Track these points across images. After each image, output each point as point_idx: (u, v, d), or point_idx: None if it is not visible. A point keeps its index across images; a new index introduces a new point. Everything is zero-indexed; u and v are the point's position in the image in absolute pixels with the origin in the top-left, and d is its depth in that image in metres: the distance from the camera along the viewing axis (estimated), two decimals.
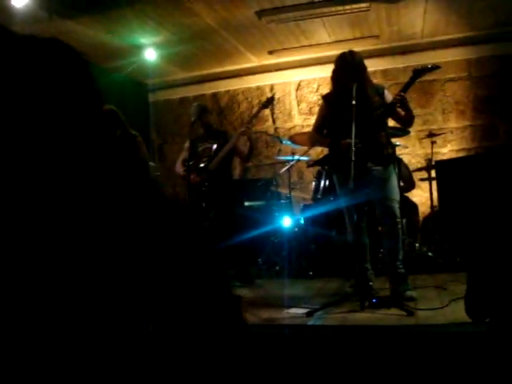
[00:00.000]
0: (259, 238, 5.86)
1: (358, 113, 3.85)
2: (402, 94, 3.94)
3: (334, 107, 4.27)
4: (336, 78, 4.23)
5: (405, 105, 4.01)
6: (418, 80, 3.98)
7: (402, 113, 4.08)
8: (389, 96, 4.28)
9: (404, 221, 5.13)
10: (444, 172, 5.95)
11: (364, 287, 3.91)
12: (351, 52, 4.18)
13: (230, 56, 7.52)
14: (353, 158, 3.70)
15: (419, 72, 3.91)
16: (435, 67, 3.95)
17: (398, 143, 5.49)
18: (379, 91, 4.26)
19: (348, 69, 4.07)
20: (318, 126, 4.47)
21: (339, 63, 4.16)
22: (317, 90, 7.84)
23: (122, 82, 7.59)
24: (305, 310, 3.80)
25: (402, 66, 7.45)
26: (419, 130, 7.14)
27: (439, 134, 6.44)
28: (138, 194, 0.95)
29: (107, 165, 0.95)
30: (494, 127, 7.20)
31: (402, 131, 5.28)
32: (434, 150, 6.49)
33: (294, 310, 3.95)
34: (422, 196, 7.01)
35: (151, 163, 5.80)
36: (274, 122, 7.71)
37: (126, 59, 7.06)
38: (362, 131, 3.88)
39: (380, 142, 4.13)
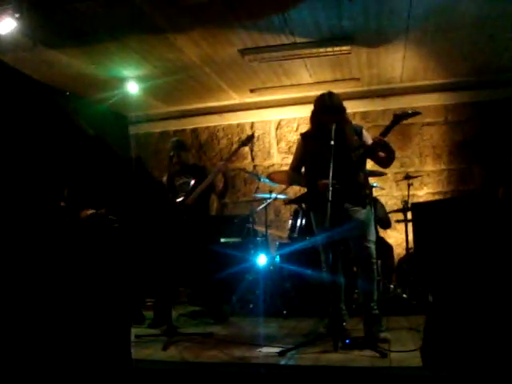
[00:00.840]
0: (234, 275, 5.81)
1: (336, 153, 3.88)
2: (382, 137, 3.98)
3: (312, 146, 4.31)
4: (315, 118, 4.27)
5: (386, 147, 4.04)
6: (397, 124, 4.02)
7: (382, 154, 4.12)
8: (367, 136, 4.32)
9: (379, 262, 5.14)
10: (420, 214, 5.98)
11: (337, 328, 3.88)
12: (330, 93, 4.23)
13: (211, 92, 7.58)
14: (329, 198, 3.72)
15: (399, 117, 3.95)
16: (415, 113, 3.99)
17: (375, 184, 5.54)
18: (357, 131, 4.31)
19: (327, 110, 4.13)
20: (296, 164, 4.49)
21: (318, 104, 4.21)
22: (296, 130, 7.91)
23: (102, 113, 7.59)
24: (278, 349, 3.76)
25: (381, 108, 7.58)
26: (396, 173, 7.24)
27: (416, 177, 6.54)
28: None
29: None
30: (469, 171, 7.32)
31: (379, 171, 5.32)
32: (411, 193, 6.58)
33: (266, 349, 3.90)
34: (398, 237, 7.06)
35: None
36: (253, 159, 7.77)
37: (108, 91, 7.07)
38: (340, 172, 3.91)
39: (358, 182, 4.17)
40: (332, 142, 3.91)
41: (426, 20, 5.32)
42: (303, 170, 4.47)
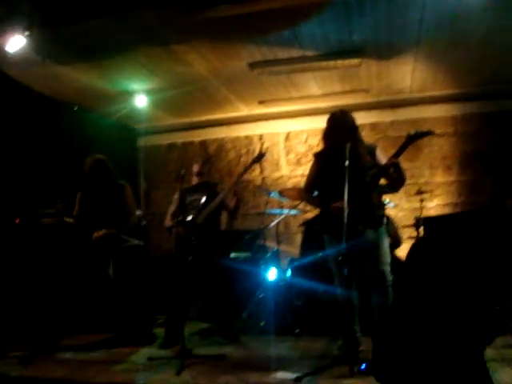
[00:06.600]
0: (244, 291, 5.75)
1: (350, 174, 3.83)
2: (395, 158, 3.93)
3: (325, 166, 4.25)
4: (328, 137, 4.21)
5: (398, 169, 3.99)
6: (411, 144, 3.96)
7: (394, 175, 4.06)
8: (380, 155, 4.26)
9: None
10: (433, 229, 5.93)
11: (352, 352, 3.82)
12: (343, 112, 4.18)
13: (219, 104, 7.54)
14: (345, 221, 3.66)
15: (413, 137, 3.89)
16: (429, 133, 3.93)
17: (387, 201, 5.46)
18: (371, 151, 4.25)
19: (340, 129, 4.07)
20: (310, 184, 4.43)
21: (331, 123, 4.16)
22: (305, 141, 7.87)
23: (111, 126, 7.58)
24: (293, 375, 3.70)
25: (390, 119, 7.54)
26: (406, 184, 7.13)
27: (426, 192, 6.50)
28: None
29: None
30: (479, 183, 7.26)
31: (391, 189, 5.24)
32: (421, 205, 6.52)
33: (282, 374, 3.82)
34: None
35: (138, 212, 5.71)
36: (261, 171, 7.72)
37: (117, 104, 7.06)
38: (354, 193, 3.85)
39: (371, 203, 4.11)
40: (347, 163, 3.85)
41: (437, 34, 5.30)
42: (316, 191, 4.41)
